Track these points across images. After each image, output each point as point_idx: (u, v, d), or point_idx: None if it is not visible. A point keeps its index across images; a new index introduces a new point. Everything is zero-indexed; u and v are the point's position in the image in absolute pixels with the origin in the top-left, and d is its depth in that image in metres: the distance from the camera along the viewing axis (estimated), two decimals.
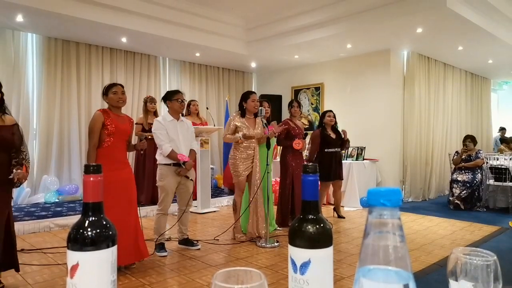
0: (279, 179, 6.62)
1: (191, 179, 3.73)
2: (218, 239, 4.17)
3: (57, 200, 5.85)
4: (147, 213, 5.33)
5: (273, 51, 7.09)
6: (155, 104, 5.87)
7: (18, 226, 4.39)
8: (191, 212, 5.48)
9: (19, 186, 2.85)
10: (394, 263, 0.40)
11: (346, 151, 6.43)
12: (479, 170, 6.26)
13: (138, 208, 3.29)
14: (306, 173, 0.67)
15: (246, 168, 4.10)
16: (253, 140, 4.13)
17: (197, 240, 3.98)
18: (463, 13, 5.16)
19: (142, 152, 3.41)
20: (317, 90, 7.98)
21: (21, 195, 5.63)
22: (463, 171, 6.34)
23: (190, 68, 8.00)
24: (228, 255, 3.74)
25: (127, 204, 3.15)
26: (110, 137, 3.10)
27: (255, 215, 4.18)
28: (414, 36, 6.09)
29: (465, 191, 6.15)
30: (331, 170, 5.10)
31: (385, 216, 0.40)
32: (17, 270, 2.87)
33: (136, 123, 5.15)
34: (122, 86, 3.29)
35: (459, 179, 6.26)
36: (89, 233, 0.64)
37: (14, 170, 2.72)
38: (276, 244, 3.97)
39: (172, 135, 3.64)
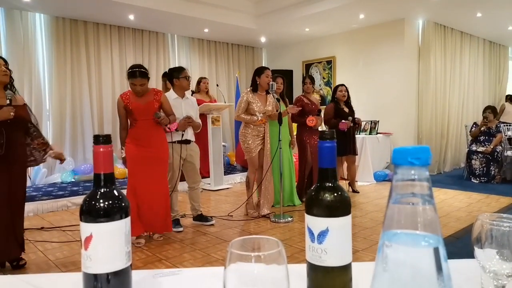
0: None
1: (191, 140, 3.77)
2: (232, 215, 4.21)
3: (73, 180, 5.96)
4: None
5: (283, 24, 6.91)
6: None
7: (37, 206, 4.53)
8: (204, 189, 5.54)
9: (62, 162, 3.13)
10: (422, 227, 0.37)
11: (359, 126, 6.37)
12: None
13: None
14: (323, 139, 0.63)
15: (257, 144, 4.09)
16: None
17: (211, 217, 4.02)
18: None
19: (168, 128, 3.44)
20: (329, 63, 7.81)
21: (38, 175, 5.74)
22: (481, 142, 6.20)
23: (199, 44, 7.89)
24: (242, 230, 3.78)
25: (156, 179, 3.29)
26: (132, 117, 3.29)
27: (267, 192, 4.18)
28: (429, 3, 5.85)
29: (485, 164, 6.03)
30: (344, 145, 5.03)
31: (412, 177, 0.37)
32: (22, 250, 2.89)
33: None
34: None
35: (479, 150, 6.12)
36: (102, 204, 0.63)
37: (50, 151, 2.91)
38: (290, 219, 3.99)
39: (176, 114, 3.62)
